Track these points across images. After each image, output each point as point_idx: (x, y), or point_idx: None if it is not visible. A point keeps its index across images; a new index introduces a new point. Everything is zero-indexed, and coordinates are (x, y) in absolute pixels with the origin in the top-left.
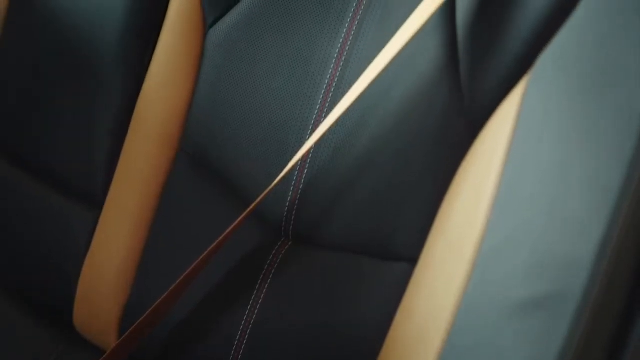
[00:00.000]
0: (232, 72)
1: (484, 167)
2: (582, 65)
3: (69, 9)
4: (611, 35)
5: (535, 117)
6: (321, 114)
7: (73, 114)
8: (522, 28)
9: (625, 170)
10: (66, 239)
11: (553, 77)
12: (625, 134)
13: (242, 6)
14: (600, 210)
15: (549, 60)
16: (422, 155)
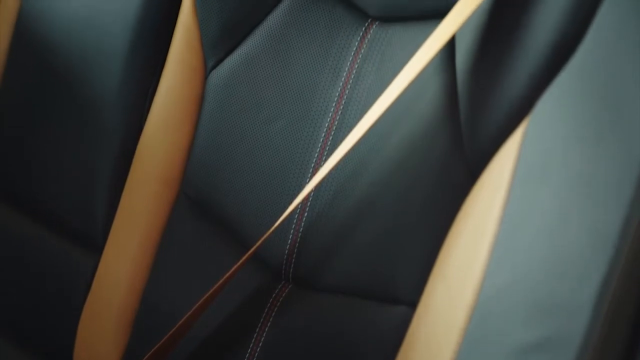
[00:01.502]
0: (232, 115)
1: (484, 210)
2: (582, 110)
3: (69, 52)
4: (611, 80)
5: (535, 161)
6: (321, 157)
7: (73, 157)
8: (522, 72)
9: (624, 216)
10: (66, 282)
11: (552, 121)
12: (624, 180)
13: (242, 49)
14: (600, 256)
15: (548, 104)
16: (421, 198)
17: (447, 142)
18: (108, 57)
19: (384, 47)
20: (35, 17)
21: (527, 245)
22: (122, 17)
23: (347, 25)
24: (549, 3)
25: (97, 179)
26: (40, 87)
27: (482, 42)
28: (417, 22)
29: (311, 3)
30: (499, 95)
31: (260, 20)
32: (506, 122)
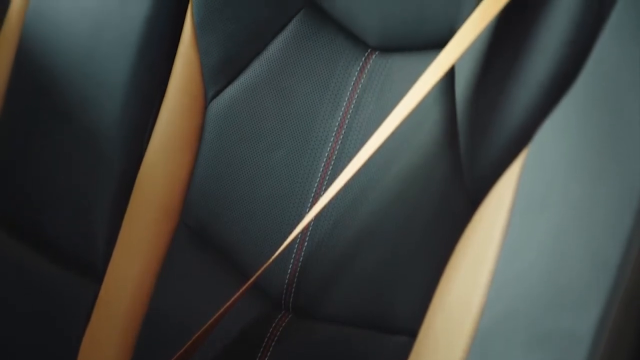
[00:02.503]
0: (232, 144)
1: (484, 239)
2: (581, 140)
3: (69, 82)
4: (610, 109)
5: (535, 190)
6: (321, 187)
7: (73, 186)
8: (521, 102)
9: (624, 245)
10: (66, 311)
11: (552, 151)
12: (624, 210)
13: (242, 79)
14: (600, 285)
15: (548, 134)
16: (421, 227)
17: (446, 171)
18: (108, 87)
19: (383, 77)
20: (36, 47)
21: (526, 275)
22: (122, 47)
23: (347, 55)
24: (548, 33)
25: (98, 208)
26: (41, 116)
27: (482, 72)
28: (417, 52)
29: (311, 33)
30: (498, 125)
31: (260, 50)
32: (506, 151)
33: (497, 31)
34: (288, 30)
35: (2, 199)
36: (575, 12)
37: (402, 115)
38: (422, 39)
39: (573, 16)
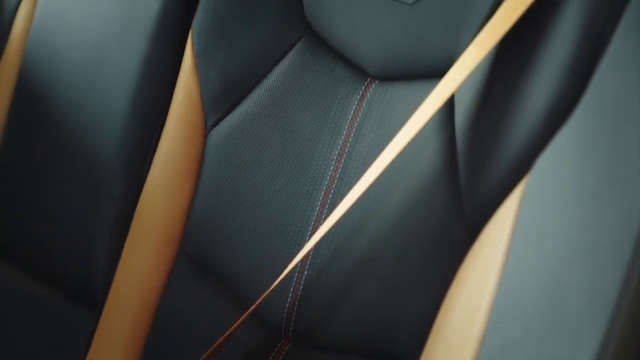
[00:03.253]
0: (232, 172)
1: (484, 269)
2: (581, 168)
3: (70, 111)
4: (610, 139)
5: (534, 219)
6: (321, 215)
7: (73, 214)
8: (520, 131)
9: (623, 275)
10: (66, 340)
11: (551, 179)
12: (623, 240)
13: (242, 108)
14: (599, 315)
15: (547, 162)
16: (421, 256)
17: (446, 199)
18: (108, 115)
19: (383, 105)
20: (36, 76)
21: (526, 304)
22: (122, 76)
23: (346, 83)
24: (547, 62)
25: (97, 237)
26: (41, 145)
27: (481, 101)
28: (417, 81)
29: (311, 62)
30: (498, 154)
31: (260, 79)
32: (505, 180)
33: (496, 61)
34: (288, 59)
35: (3, 227)
36: (574, 41)
37: (402, 143)
38: (422, 68)
39: (572, 45)
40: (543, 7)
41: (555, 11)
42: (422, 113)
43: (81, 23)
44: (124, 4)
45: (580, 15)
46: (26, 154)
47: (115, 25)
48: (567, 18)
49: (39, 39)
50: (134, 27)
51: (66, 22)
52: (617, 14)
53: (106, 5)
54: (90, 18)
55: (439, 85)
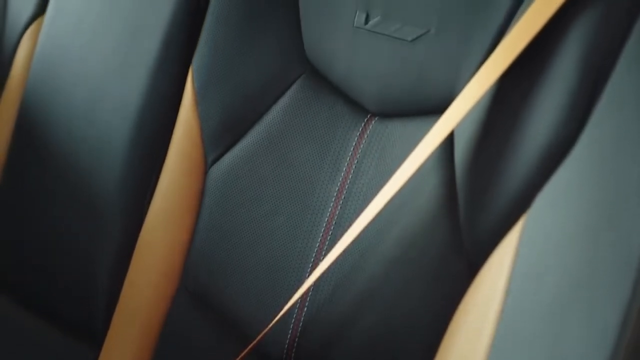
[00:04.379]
0: (232, 209)
1: (483, 306)
2: (580, 204)
3: (70, 147)
4: (609, 176)
5: (533, 257)
6: (321, 251)
7: (74, 250)
8: (520, 168)
9: (624, 310)
10: None
11: (551, 215)
12: (622, 277)
13: (242, 144)
14: (599, 351)
15: (546, 198)
16: (421, 292)
17: (446, 235)
18: (109, 151)
19: (383, 142)
20: (37, 112)
21: (526, 339)
22: (122, 111)
23: (346, 120)
24: (547, 99)
25: (98, 272)
26: (41, 181)
27: (481, 138)
28: (416, 117)
29: (311, 99)
30: (497, 191)
31: (260, 116)
32: (504, 217)
33: (496, 97)
34: (288, 96)
35: (3, 262)
36: (573, 77)
37: (401, 180)
38: (422, 104)
39: (571, 82)
40: (542, 43)
41: (555, 47)
42: (422, 149)
43: (82, 59)
44: (124, 40)
45: (579, 51)
46: (26, 189)
47: (116, 61)
48: (566, 54)
49: (40, 75)
50: (135, 62)
51: (67, 57)
52: (616, 50)
53: (107, 40)
54: (91, 54)
55: (438, 122)
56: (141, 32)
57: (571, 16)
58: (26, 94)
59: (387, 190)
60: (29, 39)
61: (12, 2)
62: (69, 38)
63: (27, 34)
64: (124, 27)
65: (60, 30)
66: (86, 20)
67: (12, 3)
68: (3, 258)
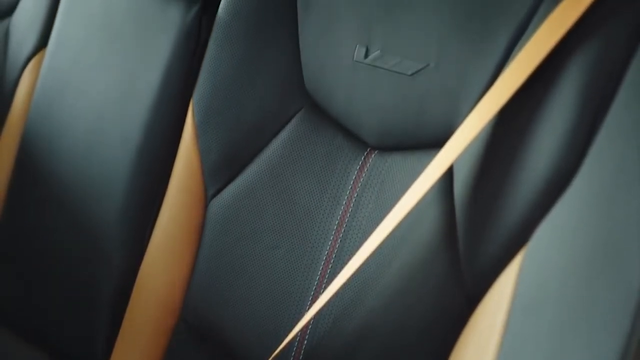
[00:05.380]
0: (232, 242)
1: (484, 337)
2: (579, 239)
3: (70, 182)
4: (607, 209)
5: (532, 290)
6: (321, 284)
7: (74, 284)
8: (519, 201)
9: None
10: None
11: (549, 250)
12: (622, 306)
13: (242, 178)
14: None
15: (546, 232)
16: (421, 324)
17: (446, 268)
18: (109, 184)
19: (383, 175)
20: (37, 147)
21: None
22: (123, 145)
23: (346, 153)
24: (546, 133)
25: (98, 305)
26: (42, 214)
27: (480, 171)
28: (416, 150)
29: (311, 132)
30: (497, 223)
31: (260, 149)
32: (504, 250)
33: (495, 131)
34: (288, 129)
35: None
36: (572, 111)
37: (401, 213)
38: (421, 138)
39: (570, 116)
40: (542, 78)
41: (554, 83)
42: (422, 183)
43: (83, 92)
44: (125, 74)
45: (579, 84)
46: (27, 222)
47: (117, 95)
48: (566, 87)
49: (41, 109)
50: (135, 97)
51: (68, 91)
52: (616, 83)
53: (108, 74)
54: (92, 87)
55: (438, 155)
56: (142, 67)
57: (570, 49)
58: (27, 127)
59: (386, 223)
60: (30, 72)
61: (13, 36)
62: (70, 72)
63: (28, 67)
64: (125, 61)
65: (61, 64)
66: (87, 54)
67: (14, 36)
68: (3, 291)
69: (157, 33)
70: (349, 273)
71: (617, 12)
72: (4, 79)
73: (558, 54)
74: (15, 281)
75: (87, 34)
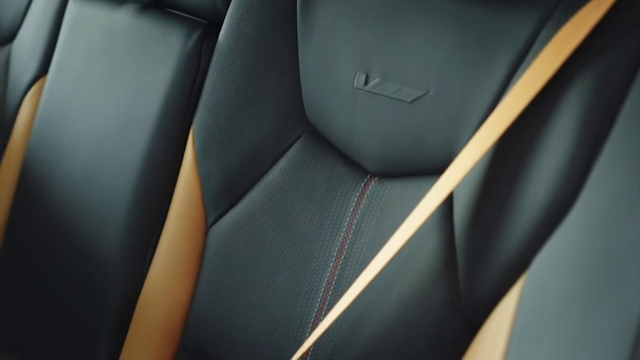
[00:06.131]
0: (233, 269)
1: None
2: (578, 267)
3: (70, 209)
4: (606, 238)
5: (533, 317)
6: (321, 311)
7: (74, 312)
8: (518, 229)
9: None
10: None
11: (549, 278)
12: (621, 335)
13: (243, 204)
14: None
15: (545, 259)
16: (421, 352)
17: (445, 296)
18: (109, 211)
19: (383, 202)
20: (38, 174)
21: None
22: (123, 172)
23: (346, 180)
24: (545, 161)
25: (99, 332)
26: (43, 243)
27: (480, 199)
28: (416, 177)
29: (311, 159)
30: (496, 252)
31: (260, 176)
32: (504, 278)
33: (495, 158)
34: (288, 156)
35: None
36: (571, 140)
37: (401, 240)
38: (421, 165)
39: (569, 144)
40: (541, 105)
41: (553, 110)
42: (422, 210)
43: (83, 119)
44: (125, 101)
45: (577, 113)
46: (28, 249)
47: (117, 122)
48: (564, 117)
49: (42, 135)
50: (135, 123)
51: (68, 118)
52: (615, 112)
53: (108, 101)
54: (92, 115)
55: (438, 183)
56: (142, 93)
57: (570, 76)
58: (28, 154)
59: (386, 250)
60: (30, 99)
61: (14, 63)
62: (71, 99)
63: (29, 94)
64: (125, 88)
65: (61, 91)
66: (88, 81)
67: (15, 63)
68: (4, 318)
69: (158, 60)
70: (349, 300)
71: (616, 39)
72: (5, 105)
73: (557, 81)
74: (15, 306)
75: (87, 61)
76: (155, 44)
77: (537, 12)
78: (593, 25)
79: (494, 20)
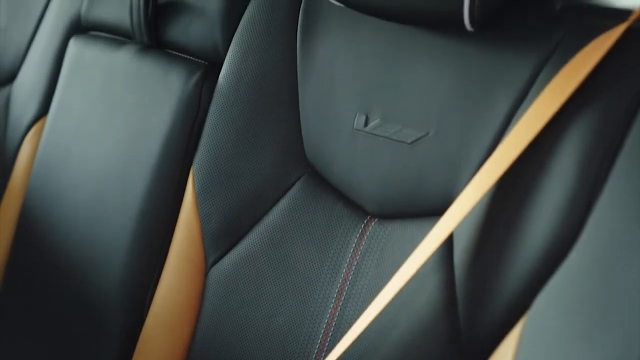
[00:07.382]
0: (232, 310)
1: None
2: (578, 309)
3: (70, 248)
4: (606, 278)
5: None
6: (321, 352)
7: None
8: (518, 271)
9: None
10: None
11: (549, 320)
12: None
13: (243, 245)
14: None
15: (545, 300)
16: None
17: (446, 338)
18: (110, 253)
19: (383, 243)
20: (37, 215)
21: None
22: (123, 212)
23: (346, 221)
24: (545, 202)
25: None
26: (43, 282)
27: (480, 240)
28: (416, 218)
29: (311, 200)
30: (497, 293)
31: (260, 217)
32: (504, 319)
33: (495, 200)
34: (288, 197)
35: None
36: (571, 181)
37: (401, 282)
38: (421, 206)
39: (569, 185)
40: (541, 146)
41: (554, 151)
42: (422, 251)
43: (82, 162)
44: (126, 141)
45: (578, 153)
46: (28, 289)
47: (117, 162)
48: (565, 156)
49: (42, 176)
50: (135, 164)
51: (68, 159)
52: (614, 154)
53: (108, 142)
54: (92, 155)
55: (438, 224)
56: (142, 134)
57: (570, 117)
58: (28, 194)
59: (386, 291)
60: (31, 139)
61: (14, 103)
62: (71, 140)
63: (29, 135)
64: (126, 128)
65: (62, 131)
66: (88, 121)
67: (15, 104)
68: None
69: (158, 101)
70: (348, 342)
71: (616, 79)
72: (6, 145)
73: (557, 121)
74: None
75: (88, 102)
76: (155, 85)
77: (537, 53)
78: (593, 66)
79: (494, 61)
